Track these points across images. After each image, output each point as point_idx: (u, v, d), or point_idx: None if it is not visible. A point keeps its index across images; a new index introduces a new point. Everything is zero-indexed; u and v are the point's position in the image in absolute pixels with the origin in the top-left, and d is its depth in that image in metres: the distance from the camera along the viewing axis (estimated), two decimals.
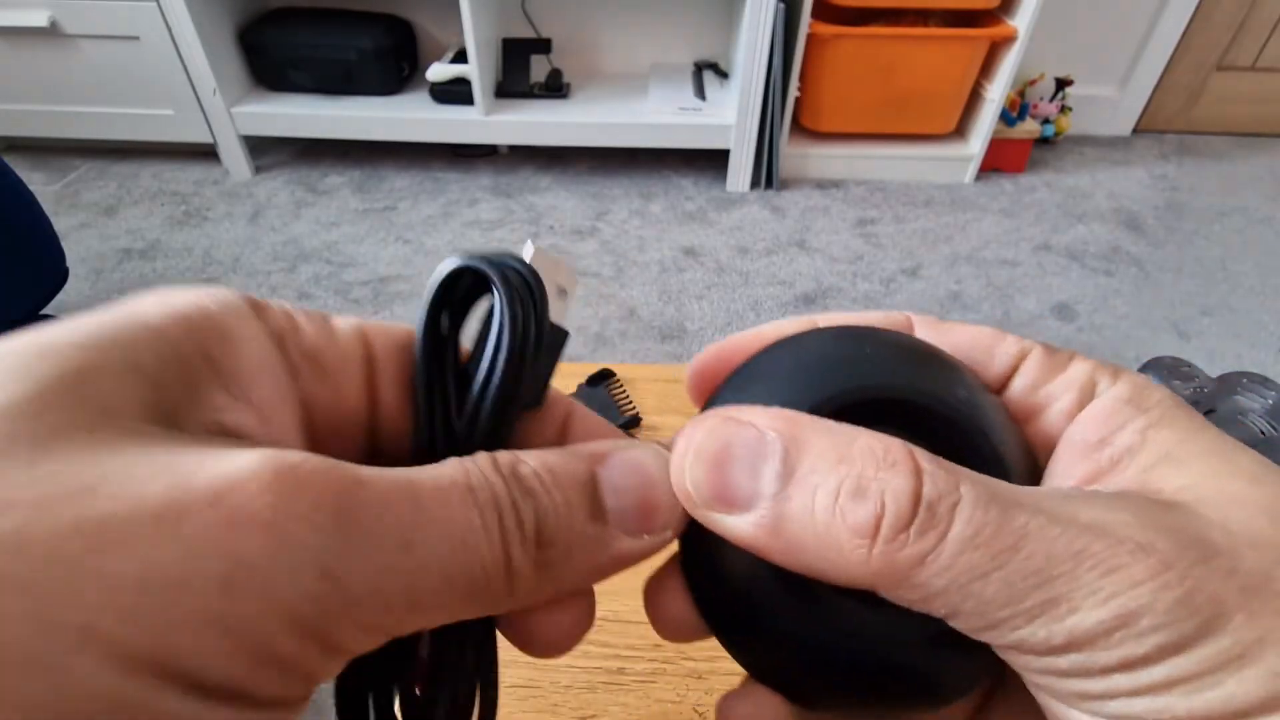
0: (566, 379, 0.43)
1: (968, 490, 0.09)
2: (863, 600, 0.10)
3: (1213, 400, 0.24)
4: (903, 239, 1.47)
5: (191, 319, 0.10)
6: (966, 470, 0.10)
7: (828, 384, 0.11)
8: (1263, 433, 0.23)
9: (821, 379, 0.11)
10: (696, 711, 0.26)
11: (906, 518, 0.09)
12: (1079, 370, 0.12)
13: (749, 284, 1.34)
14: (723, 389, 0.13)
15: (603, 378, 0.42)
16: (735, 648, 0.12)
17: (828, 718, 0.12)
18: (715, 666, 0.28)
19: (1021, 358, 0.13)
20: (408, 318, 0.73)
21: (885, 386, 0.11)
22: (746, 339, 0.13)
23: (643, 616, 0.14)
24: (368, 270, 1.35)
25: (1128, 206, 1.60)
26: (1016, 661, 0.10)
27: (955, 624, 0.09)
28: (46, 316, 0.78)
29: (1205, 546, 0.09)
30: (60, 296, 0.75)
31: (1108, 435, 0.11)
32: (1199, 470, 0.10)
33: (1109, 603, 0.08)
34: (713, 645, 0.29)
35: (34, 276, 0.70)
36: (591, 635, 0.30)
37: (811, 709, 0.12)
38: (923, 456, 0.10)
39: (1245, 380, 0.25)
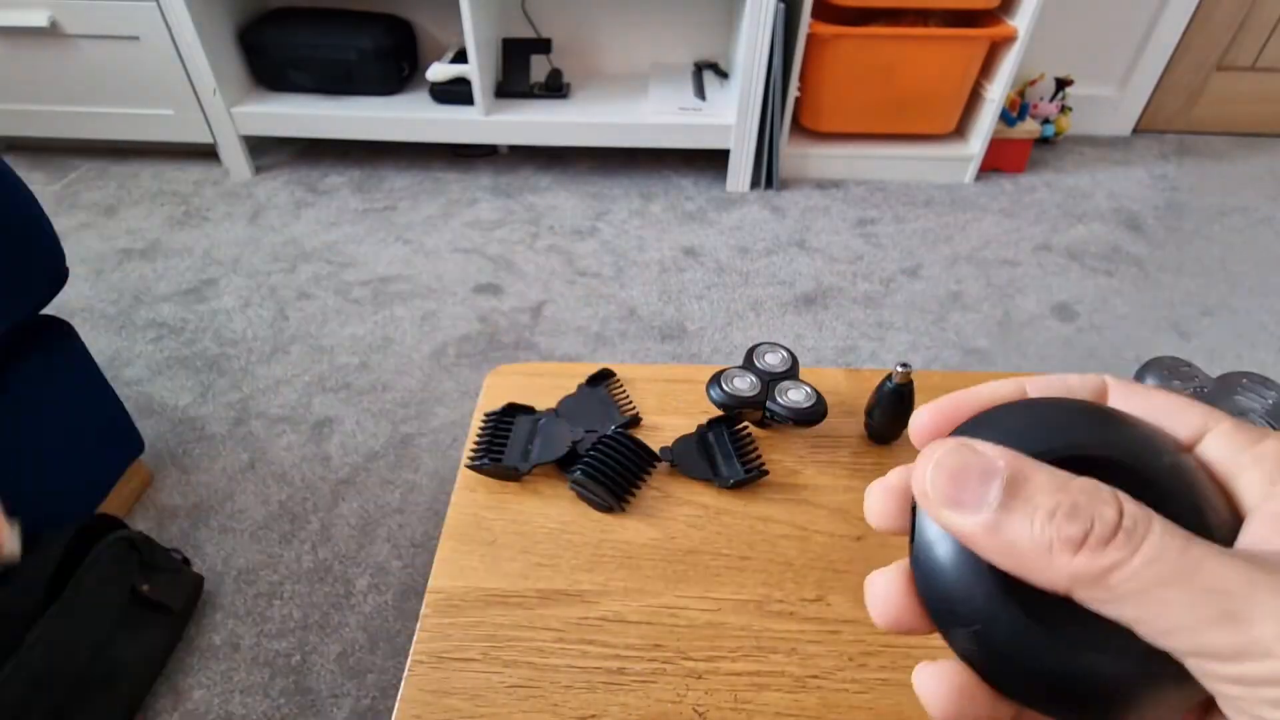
0: (567, 379, 0.43)
1: (1158, 524, 0.11)
2: (1067, 612, 0.12)
3: (1213, 400, 0.24)
4: (903, 239, 1.47)
5: None
6: (1161, 516, 0.12)
7: (1047, 440, 0.13)
8: None
9: (1042, 436, 0.14)
10: (696, 711, 0.27)
11: (1108, 535, 0.11)
12: (1271, 447, 0.13)
13: (749, 284, 1.34)
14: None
15: (603, 378, 0.43)
16: (948, 636, 0.14)
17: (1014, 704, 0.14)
18: (715, 667, 0.28)
19: (1205, 430, 0.14)
20: (407, 318, 0.74)
21: (1096, 445, 0.13)
22: (966, 400, 0.16)
23: (642, 617, 0.14)
24: (368, 270, 1.36)
25: (1128, 206, 1.60)
26: (1206, 671, 0.11)
27: (1142, 631, 0.11)
28: (47, 317, 0.78)
29: None
30: (60, 297, 0.75)
31: None
32: None
33: None
34: (712, 647, 0.29)
35: (34, 277, 0.71)
36: (591, 635, 0.30)
37: (1006, 695, 0.14)
38: (1124, 497, 0.12)
39: (1245, 380, 0.25)
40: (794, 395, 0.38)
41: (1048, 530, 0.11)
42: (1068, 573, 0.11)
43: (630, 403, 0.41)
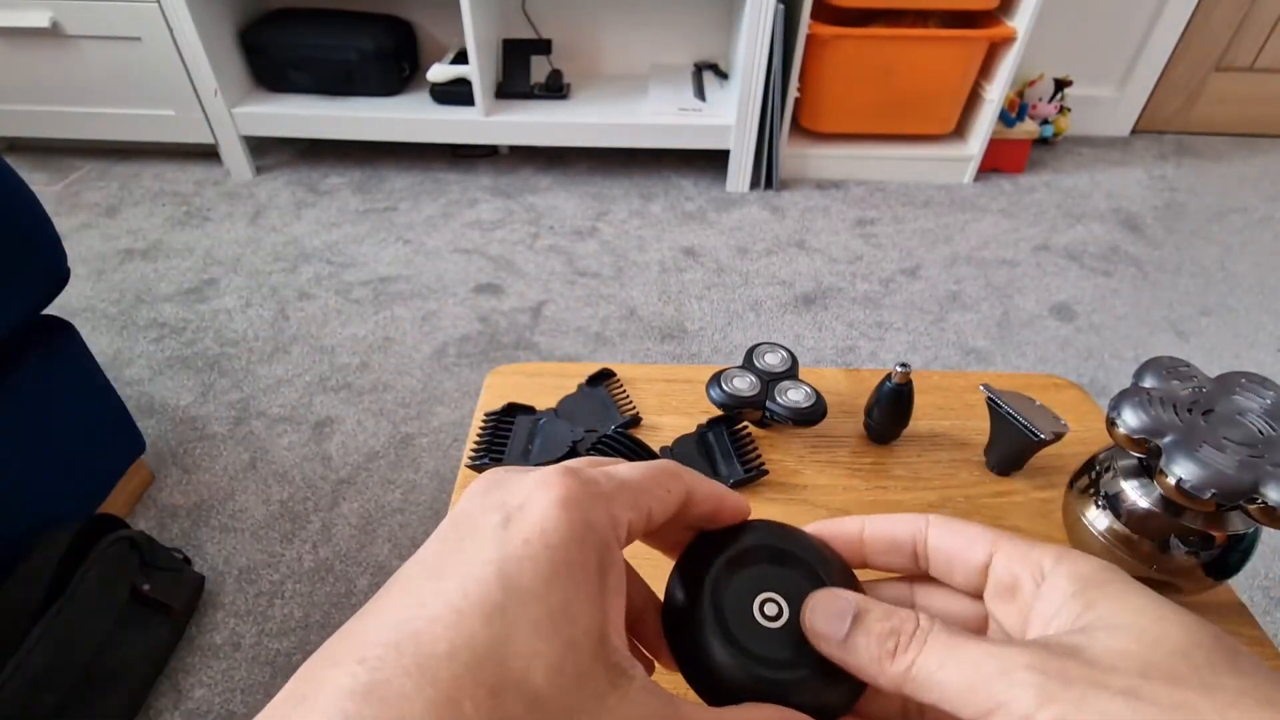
0: (567, 379, 0.43)
1: (938, 625, 0.16)
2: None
3: (1211, 400, 0.25)
4: (902, 239, 1.48)
5: (609, 549, 0.16)
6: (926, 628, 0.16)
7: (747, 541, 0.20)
8: (1261, 432, 0.24)
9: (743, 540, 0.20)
10: None
11: (906, 640, 0.16)
12: (1036, 557, 0.17)
13: (749, 284, 1.35)
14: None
15: (603, 377, 0.43)
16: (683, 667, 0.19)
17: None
18: None
19: (993, 550, 0.18)
20: (408, 318, 0.75)
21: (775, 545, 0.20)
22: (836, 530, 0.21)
23: None
24: (368, 270, 1.36)
25: (1126, 207, 1.60)
26: None
27: (947, 708, 0.15)
28: (48, 317, 0.78)
29: (1084, 660, 0.14)
30: (62, 297, 0.76)
31: (1048, 609, 0.16)
32: (1109, 611, 0.15)
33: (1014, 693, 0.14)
34: None
35: (35, 277, 0.71)
36: None
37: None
38: (914, 617, 0.16)
39: (1244, 380, 0.26)
40: (793, 395, 0.38)
41: (877, 648, 0.16)
42: (891, 677, 0.16)
43: (630, 403, 0.41)
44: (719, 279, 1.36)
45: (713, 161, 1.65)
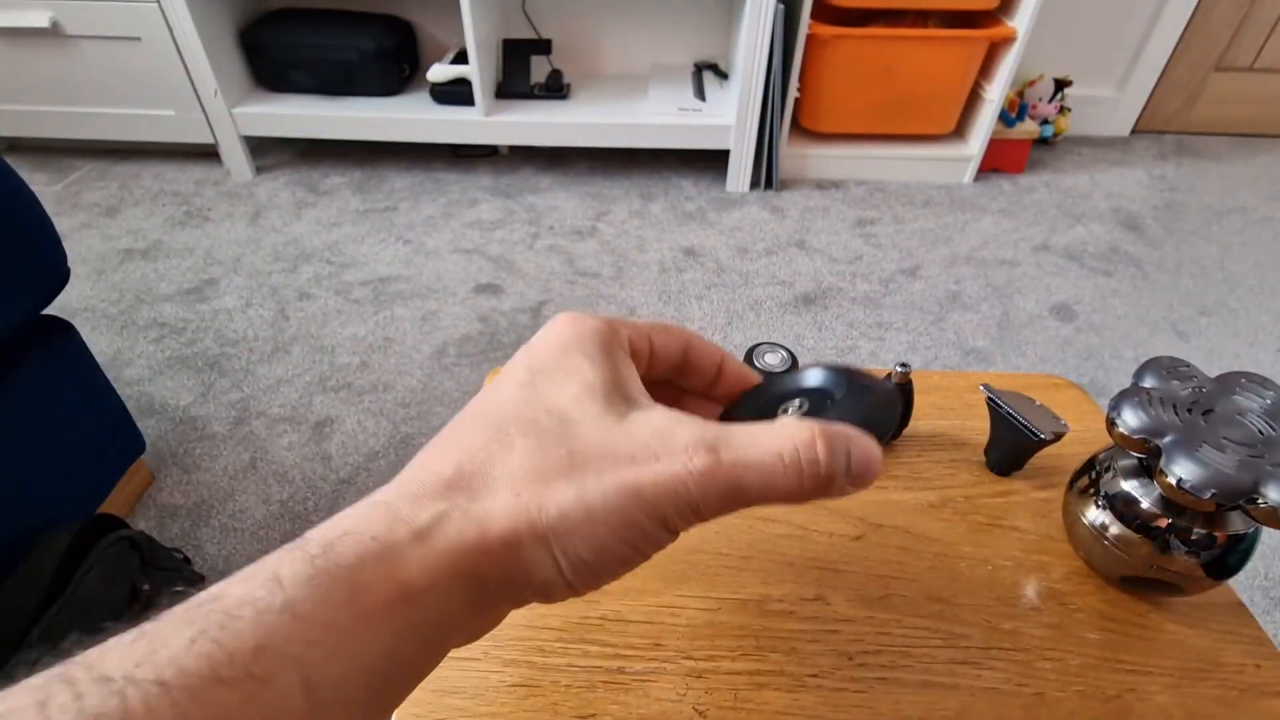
0: None
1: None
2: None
3: (1211, 400, 0.25)
4: (902, 239, 1.48)
5: (610, 339, 0.20)
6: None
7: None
8: (1261, 432, 0.24)
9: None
10: (696, 710, 0.27)
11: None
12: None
13: (749, 284, 1.35)
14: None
15: None
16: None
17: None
18: (715, 666, 0.29)
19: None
20: (408, 318, 0.75)
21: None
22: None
23: (642, 616, 0.15)
24: (368, 270, 1.36)
25: (1126, 207, 1.60)
26: None
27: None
28: (48, 317, 0.78)
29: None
30: (62, 297, 0.76)
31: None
32: None
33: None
34: (712, 646, 0.29)
35: (35, 276, 0.71)
36: (592, 634, 0.31)
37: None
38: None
39: (1244, 380, 0.26)
40: None
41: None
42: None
43: None
44: (719, 279, 1.36)
45: (713, 162, 1.65)
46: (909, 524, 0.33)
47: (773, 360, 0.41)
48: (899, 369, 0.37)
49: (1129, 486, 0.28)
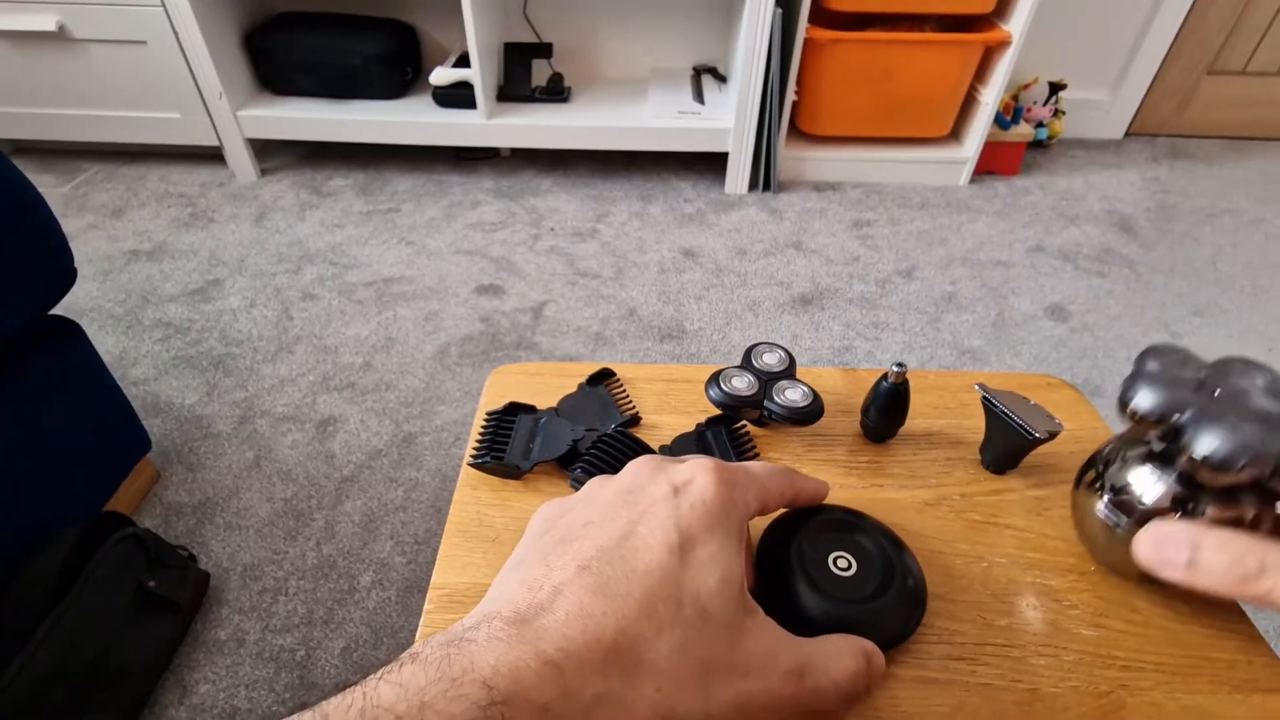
0: (568, 379, 0.44)
1: (1264, 555, 0.18)
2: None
3: (1215, 381, 0.24)
4: (898, 241, 1.49)
5: (745, 514, 0.22)
6: (1265, 544, 0.18)
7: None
8: (1269, 407, 0.23)
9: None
10: None
11: (1256, 574, 0.18)
12: None
13: (747, 285, 1.36)
14: None
15: (603, 377, 0.43)
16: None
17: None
18: None
19: None
20: (410, 318, 0.76)
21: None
22: None
23: None
24: (371, 271, 1.37)
25: (1120, 209, 1.61)
26: None
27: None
28: (55, 317, 0.79)
29: None
30: (69, 297, 0.77)
31: None
32: None
33: None
34: None
35: (43, 277, 0.72)
36: None
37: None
38: (1260, 549, 0.18)
39: (1238, 364, 0.25)
40: (791, 395, 0.39)
41: (1227, 575, 0.19)
42: (1245, 596, 0.19)
43: (630, 402, 0.42)
44: (718, 280, 1.37)
45: (711, 164, 1.66)
46: (905, 521, 0.34)
47: (770, 360, 0.42)
48: (895, 369, 0.38)
49: (1138, 477, 0.27)
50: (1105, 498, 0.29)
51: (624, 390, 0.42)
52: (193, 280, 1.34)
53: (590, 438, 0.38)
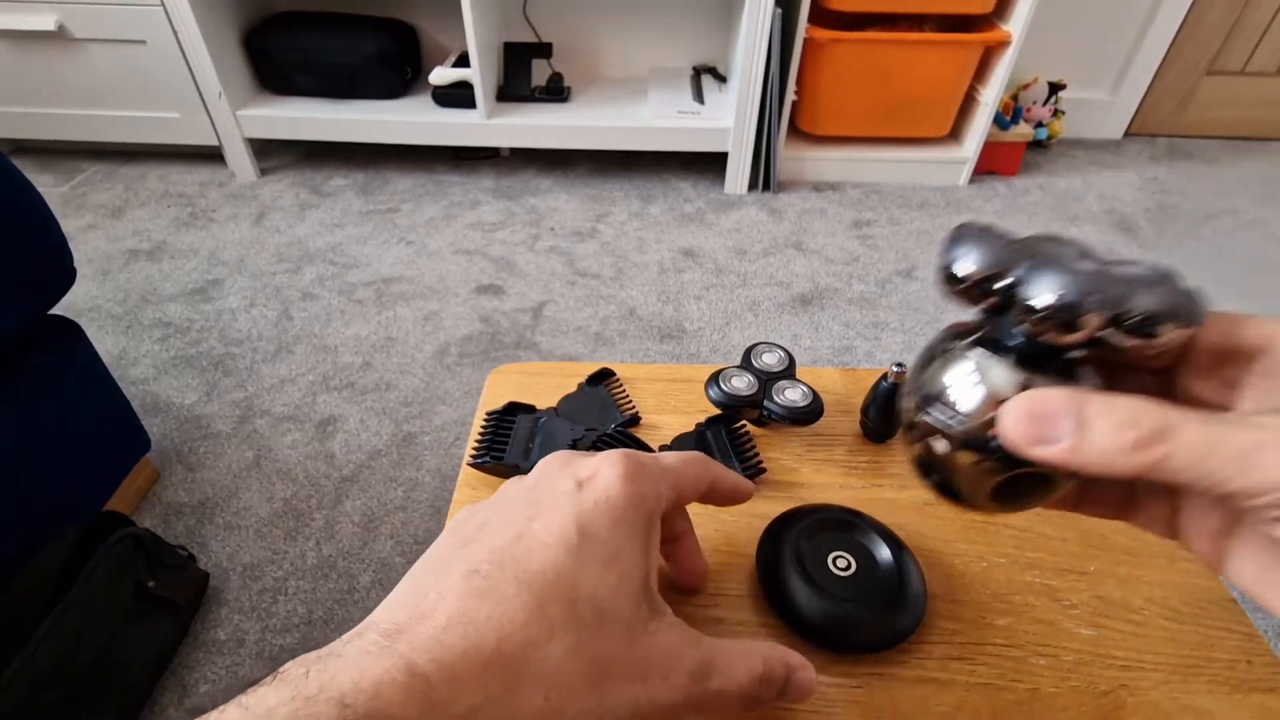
0: (568, 378, 0.44)
1: (1187, 417, 0.15)
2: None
3: (1031, 249, 0.20)
4: (898, 240, 1.49)
5: (654, 510, 0.21)
6: (1180, 408, 0.15)
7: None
8: (1092, 269, 0.19)
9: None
10: None
11: (1157, 436, 0.15)
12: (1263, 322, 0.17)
13: (746, 285, 1.36)
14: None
15: (602, 377, 0.43)
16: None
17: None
18: None
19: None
20: (410, 318, 0.77)
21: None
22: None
23: None
24: (371, 271, 1.37)
25: (1119, 209, 1.62)
26: (1243, 505, 0.15)
27: (1197, 488, 0.15)
28: (55, 316, 0.79)
29: None
30: (68, 297, 0.77)
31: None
32: None
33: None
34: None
35: (42, 277, 0.72)
36: None
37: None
38: (1154, 407, 0.15)
39: (1046, 238, 0.21)
40: (791, 394, 0.39)
41: (1113, 440, 0.15)
42: (1137, 466, 0.15)
43: (630, 402, 0.42)
44: (717, 280, 1.37)
45: (711, 164, 1.67)
46: (904, 521, 0.34)
47: (770, 360, 0.42)
48: (895, 369, 0.38)
49: (961, 371, 0.21)
50: (927, 411, 0.21)
51: (624, 390, 0.42)
52: (192, 280, 1.34)
53: (590, 437, 0.38)
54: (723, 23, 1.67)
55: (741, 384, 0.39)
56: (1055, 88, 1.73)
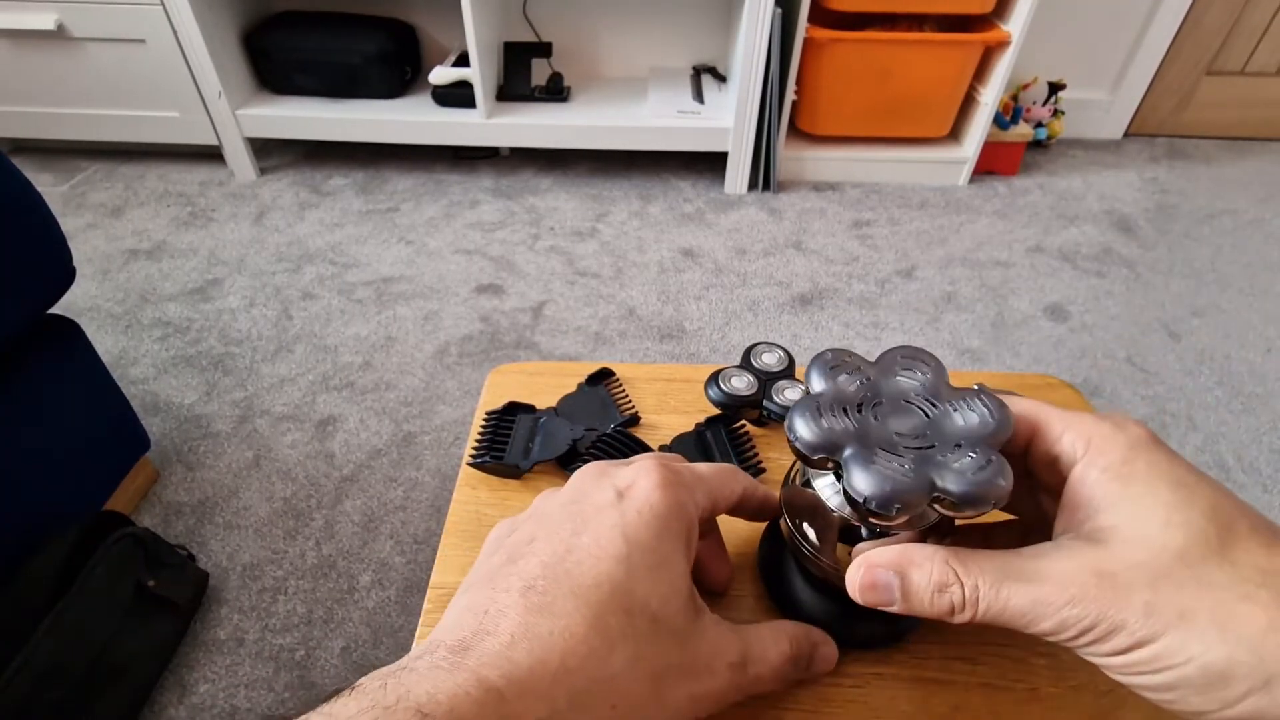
0: (567, 378, 0.44)
1: (980, 580, 0.19)
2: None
3: (877, 389, 0.23)
4: (898, 240, 1.49)
5: (693, 517, 0.22)
6: (976, 563, 0.19)
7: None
8: (926, 414, 0.22)
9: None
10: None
11: (961, 604, 0.19)
12: (1079, 429, 0.20)
13: (746, 285, 1.36)
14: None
15: (602, 377, 0.43)
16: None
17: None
18: None
19: (1037, 419, 0.22)
20: (410, 317, 0.77)
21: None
22: None
23: None
24: (371, 271, 1.37)
25: (1119, 209, 1.62)
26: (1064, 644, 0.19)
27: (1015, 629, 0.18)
28: (54, 316, 0.79)
29: (1109, 576, 0.17)
30: (68, 296, 0.77)
31: (1079, 497, 0.19)
32: (1124, 513, 0.18)
33: (1069, 628, 0.17)
34: None
35: (42, 276, 0.72)
36: None
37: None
38: (957, 567, 0.19)
39: (900, 357, 0.24)
40: (790, 394, 0.39)
41: (936, 607, 0.19)
42: (958, 621, 0.19)
43: (629, 402, 0.42)
44: (717, 279, 1.37)
45: (711, 164, 1.67)
46: None
47: (770, 360, 0.42)
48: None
49: (825, 481, 0.24)
50: (805, 517, 0.25)
51: (623, 390, 0.42)
52: (192, 279, 1.34)
53: (590, 437, 0.38)
54: (723, 22, 1.67)
55: (741, 384, 0.39)
56: (1055, 88, 1.73)
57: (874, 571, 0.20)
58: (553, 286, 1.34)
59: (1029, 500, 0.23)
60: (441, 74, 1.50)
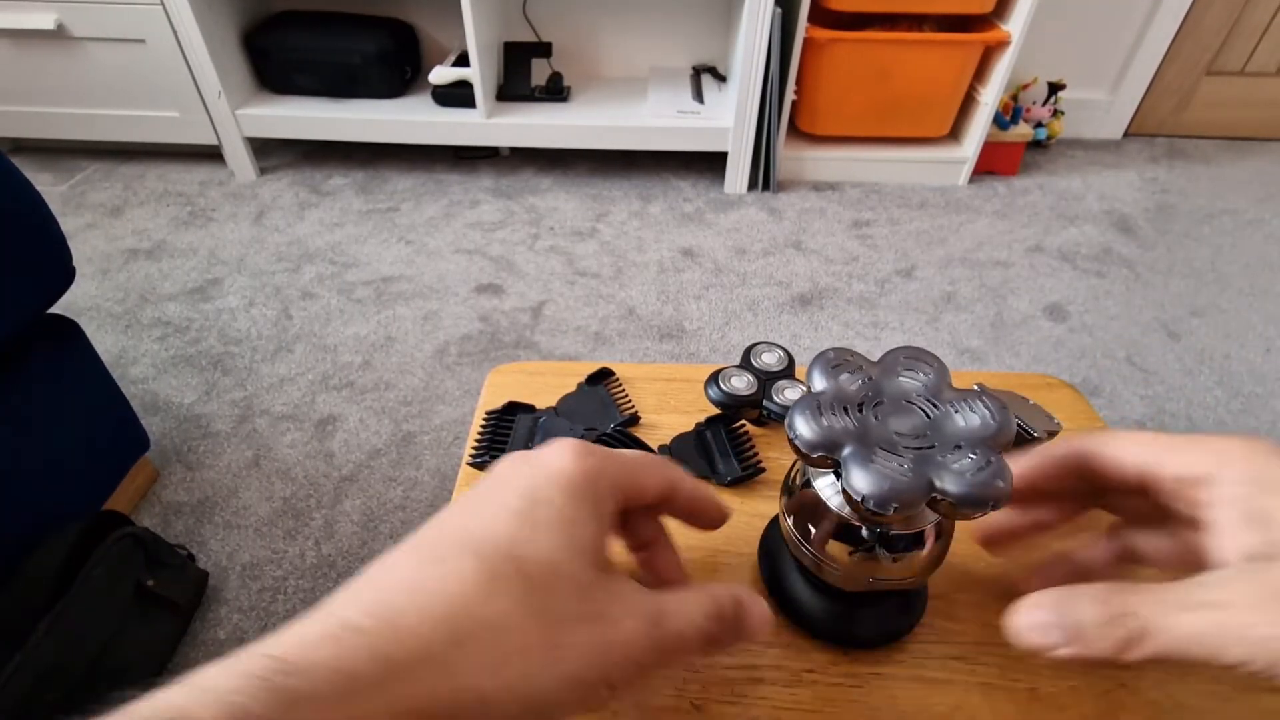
0: (567, 378, 0.44)
1: (1154, 610, 0.18)
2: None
3: (879, 389, 0.23)
4: (897, 240, 1.49)
5: (608, 487, 0.21)
6: (1145, 594, 0.18)
7: None
8: (927, 414, 0.23)
9: None
10: (694, 704, 0.27)
11: (1138, 634, 0.18)
12: (1201, 450, 0.21)
13: (746, 284, 1.36)
14: None
15: (602, 376, 0.43)
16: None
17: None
18: (711, 661, 0.30)
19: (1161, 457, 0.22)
20: (409, 317, 0.77)
21: None
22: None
23: None
24: (370, 270, 1.37)
25: (1119, 209, 1.62)
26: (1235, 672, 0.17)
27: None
28: (54, 316, 0.79)
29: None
30: (67, 296, 0.77)
31: (1229, 518, 0.19)
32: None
33: (1263, 653, 0.16)
34: None
35: (42, 276, 0.72)
36: None
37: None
38: (1128, 598, 0.19)
39: (903, 358, 0.24)
40: (790, 394, 0.39)
41: (1111, 643, 0.18)
42: (1132, 658, 0.18)
43: (629, 401, 0.42)
44: (717, 279, 1.37)
45: (711, 163, 1.67)
46: None
47: (770, 360, 0.42)
48: None
49: (825, 481, 0.25)
50: (807, 521, 0.25)
51: (623, 390, 0.42)
52: (191, 279, 1.34)
53: (589, 437, 0.38)
54: (723, 22, 1.67)
55: (741, 384, 0.39)
56: (1055, 88, 1.73)
57: (1036, 613, 0.19)
58: (552, 286, 1.34)
59: (1165, 539, 0.23)
60: (441, 74, 1.50)
